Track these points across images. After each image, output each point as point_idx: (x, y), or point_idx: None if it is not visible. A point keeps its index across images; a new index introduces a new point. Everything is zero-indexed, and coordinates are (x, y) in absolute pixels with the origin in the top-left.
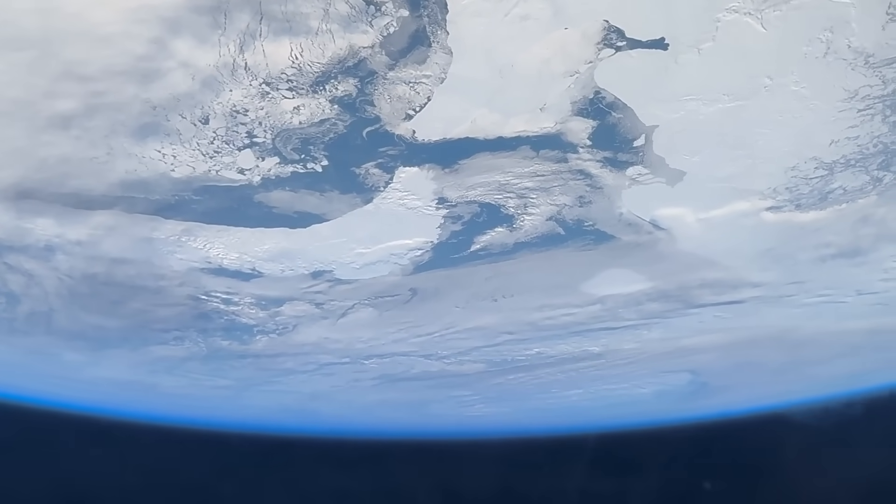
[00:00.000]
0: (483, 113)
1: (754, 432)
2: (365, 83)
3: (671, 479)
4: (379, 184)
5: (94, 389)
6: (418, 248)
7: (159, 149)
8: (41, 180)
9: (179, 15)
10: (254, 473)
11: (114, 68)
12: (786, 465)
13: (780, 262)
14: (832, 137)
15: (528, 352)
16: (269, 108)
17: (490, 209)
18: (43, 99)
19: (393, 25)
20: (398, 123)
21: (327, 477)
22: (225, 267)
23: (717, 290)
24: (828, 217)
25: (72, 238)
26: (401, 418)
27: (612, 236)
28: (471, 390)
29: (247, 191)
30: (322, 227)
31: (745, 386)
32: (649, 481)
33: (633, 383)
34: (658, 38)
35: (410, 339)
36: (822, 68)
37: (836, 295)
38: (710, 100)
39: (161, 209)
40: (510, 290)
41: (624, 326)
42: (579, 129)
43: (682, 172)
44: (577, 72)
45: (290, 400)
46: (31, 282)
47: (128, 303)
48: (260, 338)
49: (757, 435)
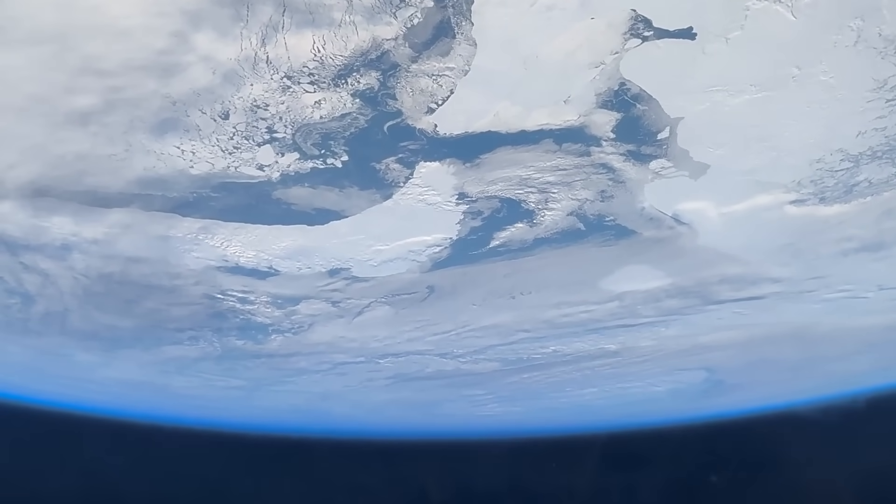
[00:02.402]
0: (505, 106)
1: (768, 430)
2: (387, 76)
3: (683, 478)
4: (399, 179)
5: (106, 390)
6: (437, 245)
7: (178, 145)
8: (58, 178)
9: (201, 7)
10: (263, 474)
11: (133, 63)
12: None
13: (801, 256)
14: (859, 128)
15: (544, 350)
16: (289, 103)
17: (510, 204)
18: (61, 94)
19: (417, 16)
20: (420, 117)
21: (337, 477)
22: (241, 265)
23: (736, 285)
24: (852, 210)
25: (88, 236)
26: (412, 418)
27: (633, 231)
28: (484, 389)
29: (265, 187)
30: (340, 223)
31: (760, 384)
32: (661, 480)
33: (648, 381)
34: (686, 27)
35: (426, 338)
36: (851, 57)
37: (857, 290)
38: (737, 91)
39: (178, 207)
40: (528, 287)
41: (641, 323)
42: (603, 121)
43: (706, 165)
44: (602, 63)
45: (301, 400)
46: (46, 281)
47: (142, 302)
48: (275, 337)
49: (770, 433)
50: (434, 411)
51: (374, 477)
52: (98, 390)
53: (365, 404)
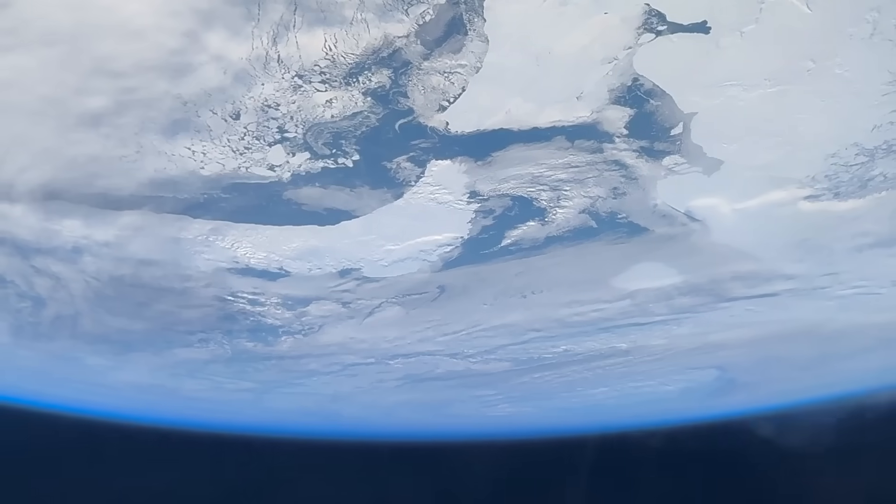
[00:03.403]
0: (518, 103)
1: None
2: (399, 74)
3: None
4: (410, 178)
5: (115, 394)
6: (448, 244)
7: (189, 146)
8: (69, 180)
9: (214, 6)
10: (273, 476)
11: (145, 63)
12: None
13: (814, 252)
14: (875, 122)
15: (556, 349)
16: (301, 102)
17: (522, 202)
18: (73, 96)
19: (429, 13)
20: (431, 115)
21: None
22: (252, 266)
23: (749, 282)
24: (866, 205)
25: (99, 239)
26: (422, 419)
27: (646, 229)
28: (495, 390)
29: (276, 188)
30: (351, 223)
31: (771, 382)
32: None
33: (660, 380)
34: (700, 20)
35: (437, 338)
36: (867, 50)
37: (871, 286)
38: (751, 85)
39: (189, 208)
40: (539, 285)
41: (653, 322)
42: (616, 117)
43: (720, 161)
44: (615, 58)
45: (311, 402)
46: (57, 285)
47: (153, 305)
48: (285, 339)
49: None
50: (444, 412)
51: (385, 479)
52: (108, 394)
53: (374, 406)
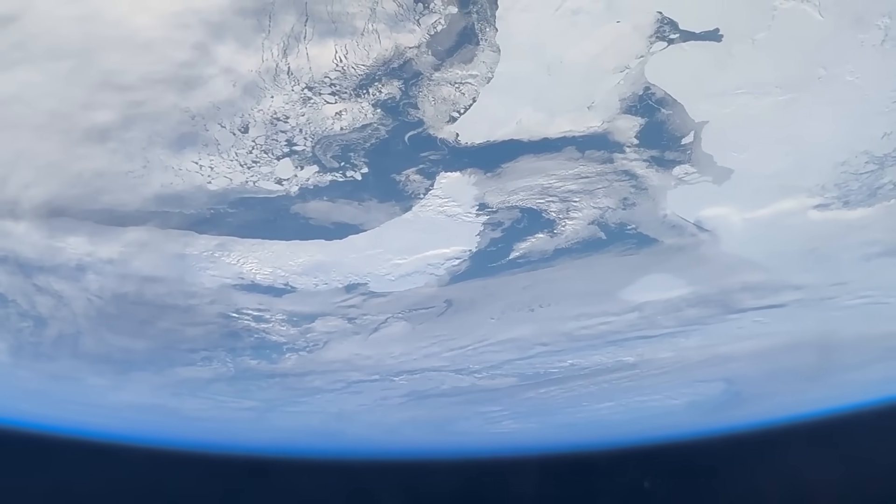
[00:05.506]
0: (528, 113)
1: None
2: (409, 85)
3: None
4: (419, 190)
5: (115, 415)
6: (456, 258)
7: (196, 160)
8: (74, 196)
9: (224, 18)
10: (274, 497)
11: (153, 76)
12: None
13: (823, 262)
14: (885, 129)
15: (562, 364)
16: (310, 115)
17: (531, 214)
18: (80, 110)
19: (441, 23)
20: (441, 126)
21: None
22: (258, 282)
23: (758, 293)
24: (875, 214)
25: (103, 256)
26: (426, 436)
27: (655, 240)
28: (500, 406)
29: (284, 202)
30: (359, 237)
31: (778, 394)
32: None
33: (666, 394)
34: (712, 29)
35: (442, 354)
36: (878, 57)
37: (879, 296)
38: (762, 93)
39: (195, 224)
40: (547, 298)
41: (661, 334)
42: (627, 127)
43: (730, 170)
44: (627, 67)
45: (315, 421)
46: (59, 303)
47: (156, 323)
48: (289, 356)
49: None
50: (448, 429)
51: (386, 497)
52: (109, 415)
53: (379, 424)
